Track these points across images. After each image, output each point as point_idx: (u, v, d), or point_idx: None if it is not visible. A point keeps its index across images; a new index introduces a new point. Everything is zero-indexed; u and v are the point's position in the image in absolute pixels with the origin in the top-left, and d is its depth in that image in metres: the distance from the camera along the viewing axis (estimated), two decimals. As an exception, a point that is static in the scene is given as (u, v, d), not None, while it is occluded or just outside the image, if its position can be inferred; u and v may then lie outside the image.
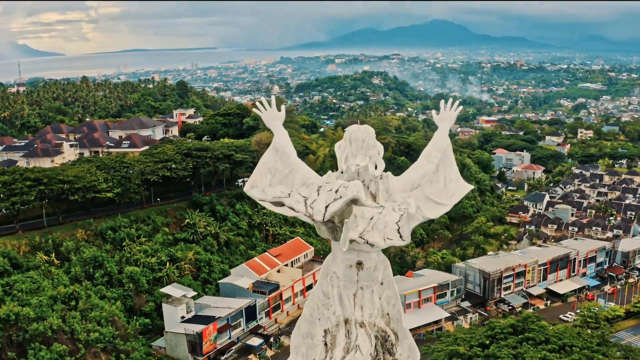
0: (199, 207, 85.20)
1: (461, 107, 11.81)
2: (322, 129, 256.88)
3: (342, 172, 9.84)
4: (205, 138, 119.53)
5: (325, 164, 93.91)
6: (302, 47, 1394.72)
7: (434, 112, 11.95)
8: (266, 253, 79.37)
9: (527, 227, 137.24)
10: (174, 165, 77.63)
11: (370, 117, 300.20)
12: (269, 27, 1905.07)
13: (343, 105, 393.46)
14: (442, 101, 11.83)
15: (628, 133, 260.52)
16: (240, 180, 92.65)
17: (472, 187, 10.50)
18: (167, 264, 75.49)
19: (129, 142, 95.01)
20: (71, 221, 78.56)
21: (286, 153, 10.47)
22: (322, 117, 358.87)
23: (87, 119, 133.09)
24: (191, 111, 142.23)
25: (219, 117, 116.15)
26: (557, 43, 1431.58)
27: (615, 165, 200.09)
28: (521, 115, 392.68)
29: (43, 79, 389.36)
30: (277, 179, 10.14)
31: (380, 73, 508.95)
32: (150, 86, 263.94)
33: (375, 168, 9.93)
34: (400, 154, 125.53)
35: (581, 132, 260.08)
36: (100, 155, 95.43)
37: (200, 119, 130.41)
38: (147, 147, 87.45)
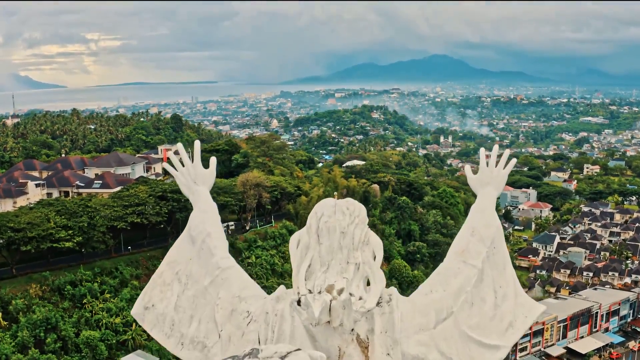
0: (175, 256, 75.51)
1: (514, 160, 6.27)
2: (320, 164, 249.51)
3: (298, 302, 4.65)
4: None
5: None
6: (302, 81, 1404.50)
7: (467, 168, 6.99)
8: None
9: (537, 272, 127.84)
10: (145, 210, 67.96)
11: (369, 152, 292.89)
12: (269, 61, 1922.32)
13: (342, 140, 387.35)
14: (483, 150, 6.44)
15: (635, 168, 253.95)
16: (223, 224, 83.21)
17: (543, 308, 5.69)
18: (134, 324, 65.50)
19: (101, 181, 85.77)
20: (26, 273, 68.85)
21: (208, 248, 5.60)
22: (321, 151, 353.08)
23: (62, 155, 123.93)
24: (179, 146, 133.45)
25: (205, 153, 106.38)
26: (555, 77, 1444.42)
27: (625, 202, 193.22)
28: (523, 150, 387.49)
29: (41, 110, 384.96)
30: (189, 295, 5.52)
31: (379, 107, 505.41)
32: (145, 119, 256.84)
33: (368, 285, 4.81)
34: (401, 193, 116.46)
35: (587, 168, 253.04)
36: (71, 196, 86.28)
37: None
38: (120, 188, 78.18)
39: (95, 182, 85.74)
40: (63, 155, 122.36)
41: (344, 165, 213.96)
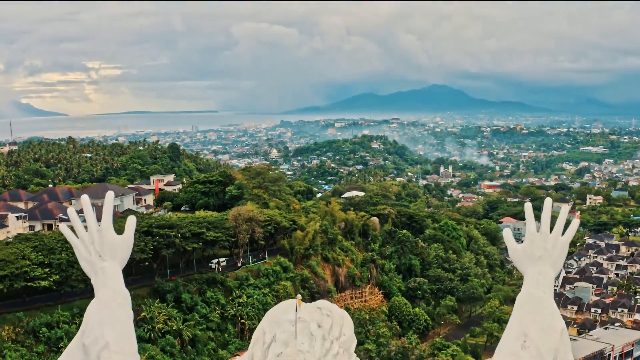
0: (161, 295, 70.99)
1: (576, 222, 4.35)
2: (319, 194, 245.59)
3: None
4: (183, 208, 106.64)
5: (316, 242, 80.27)
6: (302, 111, 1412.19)
7: (506, 234, 4.22)
8: (237, 355, 64.55)
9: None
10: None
11: (369, 182, 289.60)
12: (269, 91, 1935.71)
13: (342, 170, 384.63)
14: (529, 207, 4.31)
15: (638, 198, 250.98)
16: (214, 261, 78.67)
17: None
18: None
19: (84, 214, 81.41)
20: (0, 314, 64.24)
21: None
22: (320, 181, 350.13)
23: (50, 185, 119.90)
24: (170, 177, 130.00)
25: (198, 184, 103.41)
26: (554, 107, 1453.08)
27: (630, 234, 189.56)
28: (524, 180, 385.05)
29: (40, 138, 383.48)
30: None
31: (379, 137, 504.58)
32: (142, 148, 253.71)
33: None
34: (402, 226, 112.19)
35: (590, 198, 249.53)
36: (54, 229, 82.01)
37: (180, 186, 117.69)
38: (105, 222, 73.91)
39: (80, 215, 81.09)
40: (50, 185, 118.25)
41: (343, 196, 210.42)
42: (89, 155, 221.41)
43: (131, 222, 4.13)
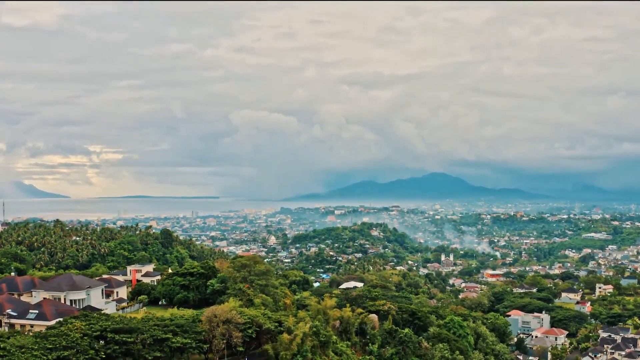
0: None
1: None
2: (316, 283, 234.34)
3: None
4: (161, 303, 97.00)
5: (305, 346, 70.37)
6: (302, 198, 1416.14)
7: None
8: None
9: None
10: (72, 357, 53.30)
11: (368, 271, 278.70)
12: (269, 178, 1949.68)
13: (340, 258, 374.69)
14: None
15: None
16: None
17: None
18: None
19: (37, 311, 71.78)
20: None
21: None
22: (318, 270, 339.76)
23: (12, 274, 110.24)
24: (150, 267, 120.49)
25: (177, 277, 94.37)
26: (552, 193, 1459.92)
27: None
28: (527, 268, 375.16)
29: (38, 219, 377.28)
30: None
31: (379, 225, 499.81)
32: (133, 233, 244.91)
33: None
34: (403, 324, 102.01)
35: (600, 288, 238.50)
36: (2, 327, 72.26)
37: (158, 277, 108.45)
38: (55, 322, 64.31)
39: (31, 311, 71.76)
40: (12, 274, 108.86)
41: (341, 287, 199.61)
42: (75, 239, 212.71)
43: None
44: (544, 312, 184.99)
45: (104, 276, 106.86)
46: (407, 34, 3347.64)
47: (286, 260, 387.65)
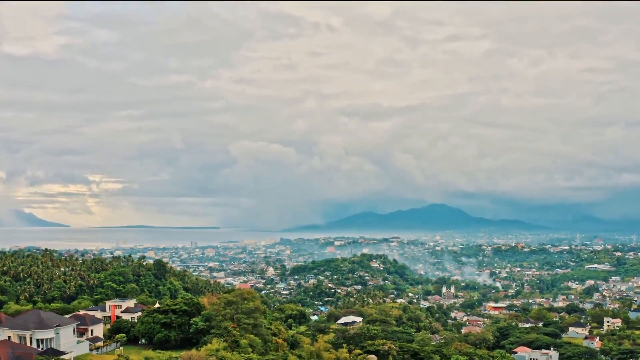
0: None
1: None
2: (314, 317, 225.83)
3: None
4: (140, 342, 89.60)
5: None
6: (301, 229, 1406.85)
7: None
8: None
9: None
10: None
11: (367, 304, 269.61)
12: (269, 209, 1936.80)
13: (339, 290, 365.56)
14: None
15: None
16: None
17: None
18: None
19: (-8, 353, 64.88)
20: None
21: None
22: (317, 302, 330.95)
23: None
24: (131, 302, 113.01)
25: (158, 314, 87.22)
26: (551, 224, 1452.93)
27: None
28: (530, 301, 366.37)
29: (36, 248, 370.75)
30: None
31: (379, 256, 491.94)
32: (125, 264, 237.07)
33: None
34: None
35: (608, 322, 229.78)
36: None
37: (139, 313, 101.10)
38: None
39: (-4, 358, 64.82)
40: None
41: (339, 321, 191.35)
42: (63, 270, 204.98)
43: None
44: (552, 348, 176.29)
45: (81, 311, 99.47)
46: (405, 66, 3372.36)
47: (284, 292, 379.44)
